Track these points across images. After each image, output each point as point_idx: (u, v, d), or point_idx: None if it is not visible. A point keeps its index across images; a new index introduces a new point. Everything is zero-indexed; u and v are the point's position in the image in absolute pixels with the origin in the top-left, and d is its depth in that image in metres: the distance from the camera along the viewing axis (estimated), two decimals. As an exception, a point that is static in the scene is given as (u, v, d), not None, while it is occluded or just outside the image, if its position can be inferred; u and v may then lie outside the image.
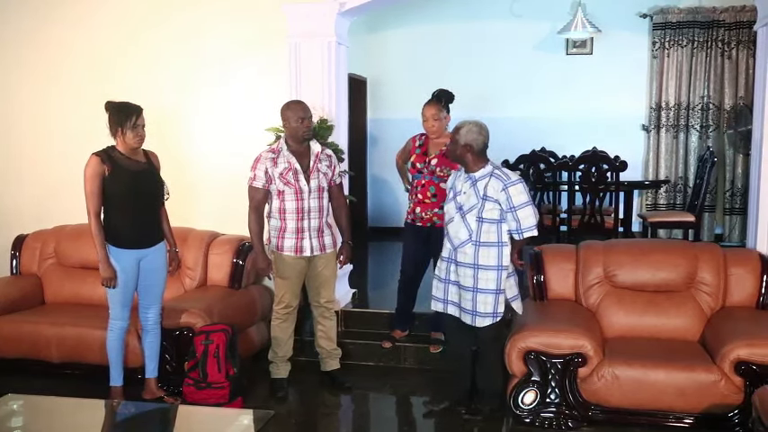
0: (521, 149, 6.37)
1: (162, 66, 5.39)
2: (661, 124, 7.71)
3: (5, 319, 4.65)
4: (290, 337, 4.40)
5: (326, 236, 4.25)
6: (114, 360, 4.08)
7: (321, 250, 4.21)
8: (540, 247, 4.57)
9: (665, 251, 4.37)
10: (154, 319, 4.16)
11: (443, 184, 4.27)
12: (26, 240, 5.24)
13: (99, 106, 3.93)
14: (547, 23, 7.71)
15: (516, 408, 3.79)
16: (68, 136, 5.47)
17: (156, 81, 5.33)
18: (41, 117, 5.61)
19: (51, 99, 5.59)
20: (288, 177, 4.10)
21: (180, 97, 5.32)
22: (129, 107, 3.88)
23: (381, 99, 8.39)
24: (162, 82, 5.34)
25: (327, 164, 4.22)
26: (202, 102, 5.34)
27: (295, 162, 4.12)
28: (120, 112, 3.86)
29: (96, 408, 3.51)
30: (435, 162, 4.51)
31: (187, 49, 5.34)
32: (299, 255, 4.16)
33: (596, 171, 5.92)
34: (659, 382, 3.65)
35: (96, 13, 5.49)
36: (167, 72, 5.38)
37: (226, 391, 4.11)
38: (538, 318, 4.10)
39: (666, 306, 4.15)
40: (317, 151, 4.19)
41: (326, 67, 4.94)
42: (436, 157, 4.52)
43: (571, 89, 7.90)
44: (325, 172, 4.19)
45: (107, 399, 3.92)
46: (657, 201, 7.83)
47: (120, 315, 4.04)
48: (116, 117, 3.87)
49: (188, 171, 5.27)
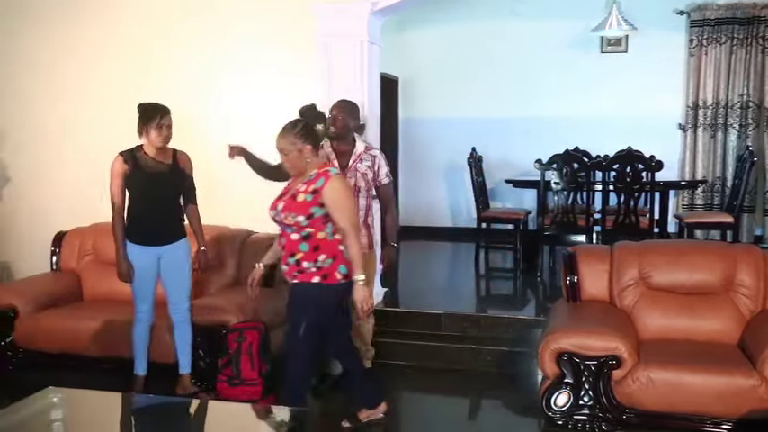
0: (554, 149, 6.32)
1: (188, 65, 5.45)
2: (698, 123, 7.59)
3: (45, 314, 4.75)
4: None
5: (361, 236, 4.17)
6: (136, 350, 4.20)
7: None
8: (573, 247, 4.52)
9: (703, 252, 4.29)
10: (181, 315, 4.22)
11: (295, 236, 3.40)
12: (65, 237, 5.34)
13: (128, 106, 4.00)
14: (581, 21, 7.62)
15: (548, 409, 3.76)
16: (99, 135, 5.54)
17: (182, 81, 5.39)
18: (73, 117, 5.70)
19: (83, 97, 5.69)
20: None
21: (206, 97, 5.38)
22: (156, 107, 3.98)
23: (413, 98, 8.38)
24: (188, 82, 5.39)
25: (369, 164, 4.17)
26: (229, 101, 5.38)
27: (335, 161, 4.13)
28: (146, 111, 3.96)
29: (132, 401, 3.57)
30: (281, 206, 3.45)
31: (212, 48, 5.40)
32: None
33: (631, 171, 5.84)
34: (696, 386, 3.58)
35: (123, 13, 5.58)
36: (193, 72, 5.44)
37: (258, 387, 4.15)
38: (571, 319, 4.06)
39: (703, 308, 4.08)
40: (360, 151, 4.17)
41: (358, 66, 4.95)
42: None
43: (605, 88, 7.81)
44: (364, 172, 4.15)
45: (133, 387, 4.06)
46: (694, 201, 7.70)
47: (139, 308, 4.16)
48: (142, 117, 3.97)
49: (219, 170, 5.31)
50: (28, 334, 4.72)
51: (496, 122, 8.08)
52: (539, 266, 6.46)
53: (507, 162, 7.96)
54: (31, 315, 4.75)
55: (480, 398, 4.38)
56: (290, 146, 3.37)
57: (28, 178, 5.87)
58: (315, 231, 3.37)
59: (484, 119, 8.11)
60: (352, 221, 3.39)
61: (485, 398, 4.42)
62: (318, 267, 3.37)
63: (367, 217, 4.23)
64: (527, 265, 6.61)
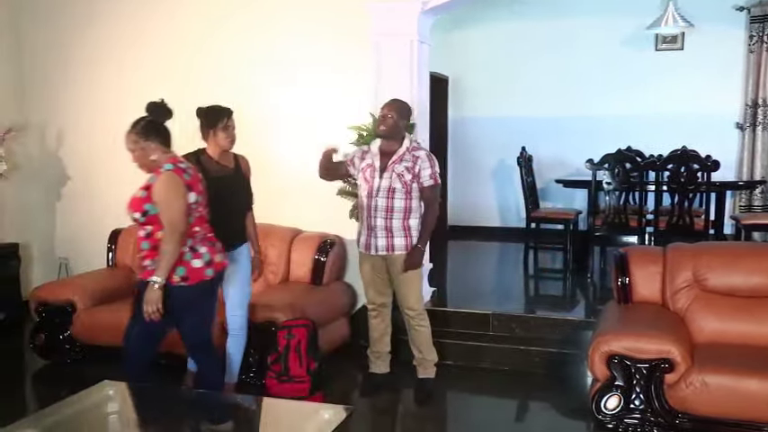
0: (606, 148, 6.21)
1: (238, 66, 5.50)
2: (757, 122, 7.37)
3: (102, 309, 4.88)
4: (382, 334, 4.39)
5: (398, 237, 4.11)
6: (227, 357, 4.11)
7: (388, 250, 4.12)
8: (625, 248, 4.44)
9: (760, 255, 4.16)
10: (238, 323, 4.12)
11: (141, 232, 3.46)
12: (121, 234, 5.48)
13: (184, 100, 4.01)
14: (634, 19, 7.48)
15: (598, 413, 3.70)
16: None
17: (232, 81, 5.43)
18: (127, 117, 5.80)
19: (141, 94, 5.77)
20: (366, 174, 4.15)
21: (258, 93, 5.41)
22: (221, 109, 3.94)
23: (462, 97, 8.35)
24: (239, 82, 5.43)
25: (409, 164, 4.08)
26: (281, 99, 5.41)
27: (377, 160, 4.14)
28: (212, 114, 3.93)
29: (184, 396, 3.65)
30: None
31: (262, 48, 5.44)
32: (367, 252, 4.19)
33: (686, 171, 5.70)
34: (752, 392, 3.48)
35: (172, 16, 5.69)
36: (243, 73, 5.48)
37: (306, 385, 4.19)
38: (622, 321, 3.99)
39: (761, 312, 3.96)
40: (402, 151, 4.12)
41: (408, 65, 4.95)
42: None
43: (660, 86, 7.65)
44: (401, 173, 4.06)
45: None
46: (752, 202, 7.48)
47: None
48: (207, 119, 3.92)
49: (269, 170, 5.37)
50: (85, 328, 4.86)
51: (547, 122, 7.99)
52: (589, 267, 6.36)
53: (558, 162, 7.87)
54: (88, 310, 4.89)
55: (528, 399, 4.34)
56: (132, 144, 3.37)
57: (86, 178, 6.04)
58: (153, 230, 3.34)
59: (534, 118, 8.02)
60: (171, 220, 3.28)
61: (532, 399, 4.38)
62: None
63: (405, 219, 4.11)
64: (577, 265, 6.52)
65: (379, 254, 4.16)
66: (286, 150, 5.40)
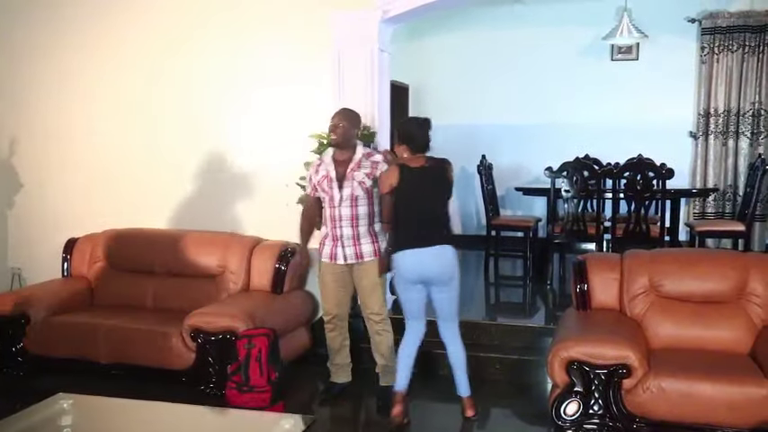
0: (565, 156, 6.31)
1: (197, 76, 5.44)
2: (709, 131, 7.56)
3: (56, 320, 4.78)
4: (341, 346, 4.40)
5: (366, 244, 4.15)
6: (398, 364, 4.10)
7: (357, 258, 4.16)
8: (583, 255, 4.51)
9: (714, 261, 4.27)
10: (449, 333, 4.20)
11: None
12: (77, 244, 5.37)
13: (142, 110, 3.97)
14: (591, 29, 7.61)
15: (558, 418, 3.74)
16: (110, 142, 5.58)
17: (197, 87, 5.40)
18: (85, 124, 5.69)
19: (96, 103, 5.68)
20: (323, 185, 4.14)
21: (221, 102, 5.38)
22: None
23: (424, 106, 8.35)
24: (199, 93, 5.39)
25: (369, 171, 4.14)
26: (244, 107, 5.37)
27: (332, 170, 4.14)
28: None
29: (142, 408, 3.57)
30: None
31: (228, 55, 5.38)
32: (333, 261, 4.18)
33: (642, 179, 5.81)
34: (707, 396, 3.56)
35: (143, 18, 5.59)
36: (201, 83, 5.42)
37: (268, 395, 4.16)
38: (581, 327, 4.04)
39: (715, 317, 4.05)
40: (358, 158, 4.16)
41: (369, 74, 4.96)
42: None
43: (616, 95, 7.79)
44: (361, 180, 4.11)
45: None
46: (706, 209, 7.66)
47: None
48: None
49: (231, 176, 5.35)
50: (39, 340, 4.76)
51: (506, 130, 8.07)
52: (549, 274, 6.44)
53: (517, 170, 7.96)
54: (43, 321, 4.78)
55: (489, 406, 4.36)
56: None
57: (39, 185, 5.89)
58: None
59: (494, 126, 8.10)
60: None
61: (494, 406, 4.40)
62: None
63: (370, 225, 4.18)
64: (537, 273, 6.59)
65: (348, 263, 4.16)
66: (248, 158, 5.35)
